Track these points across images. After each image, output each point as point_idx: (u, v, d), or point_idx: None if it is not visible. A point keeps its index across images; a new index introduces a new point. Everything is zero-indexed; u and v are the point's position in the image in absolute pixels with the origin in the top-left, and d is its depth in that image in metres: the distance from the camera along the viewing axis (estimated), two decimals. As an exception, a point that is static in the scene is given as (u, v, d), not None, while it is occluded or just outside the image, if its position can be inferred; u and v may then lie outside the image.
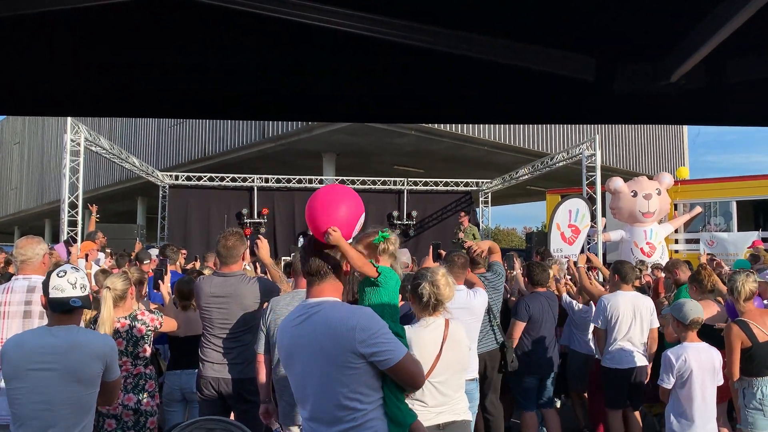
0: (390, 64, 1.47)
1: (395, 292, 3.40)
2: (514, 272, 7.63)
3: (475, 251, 5.61)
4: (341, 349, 2.38)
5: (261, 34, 1.44)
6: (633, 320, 5.83)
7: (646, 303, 5.97)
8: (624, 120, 2.29)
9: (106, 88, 1.47)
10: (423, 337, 3.53)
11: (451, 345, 3.56)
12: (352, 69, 1.52)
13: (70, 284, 3.23)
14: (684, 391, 4.42)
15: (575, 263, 7.55)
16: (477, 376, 4.95)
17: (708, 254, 11.87)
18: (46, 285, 3.27)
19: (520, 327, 5.91)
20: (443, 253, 5.50)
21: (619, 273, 6.04)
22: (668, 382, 4.46)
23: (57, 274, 3.26)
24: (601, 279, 8.45)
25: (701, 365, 4.41)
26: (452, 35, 1.36)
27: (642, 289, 8.16)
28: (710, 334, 4.94)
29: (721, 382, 4.54)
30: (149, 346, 4.73)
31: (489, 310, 5.35)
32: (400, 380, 2.47)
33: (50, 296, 3.24)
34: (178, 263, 8.43)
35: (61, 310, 3.24)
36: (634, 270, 6.46)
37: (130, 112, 1.55)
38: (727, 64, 1.39)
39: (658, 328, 5.97)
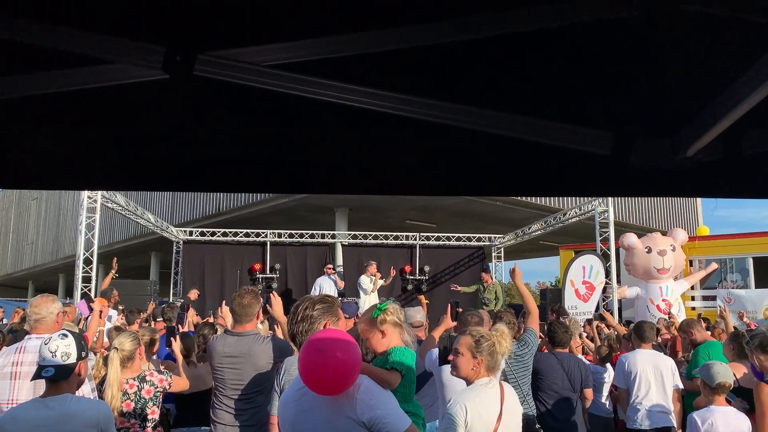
0: (404, 139, 1.50)
1: (411, 370, 3.35)
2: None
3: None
4: (344, 418, 2.35)
5: (275, 110, 1.47)
6: (654, 379, 5.74)
7: (666, 362, 5.89)
8: (640, 193, 2.28)
9: (127, 164, 1.50)
10: (483, 398, 3.26)
11: (508, 407, 3.30)
12: (363, 142, 1.55)
13: (50, 352, 3.18)
14: (711, 456, 4.28)
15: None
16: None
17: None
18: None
19: None
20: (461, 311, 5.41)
21: (638, 333, 6.00)
22: None
23: (44, 342, 3.24)
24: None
25: (729, 430, 4.28)
26: (466, 111, 1.38)
27: (660, 348, 8.01)
28: (743, 393, 4.82)
29: (749, 450, 4.39)
30: (158, 407, 4.66)
31: (518, 386, 5.05)
32: None
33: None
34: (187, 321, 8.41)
35: (35, 378, 3.22)
36: (653, 329, 6.38)
37: (147, 186, 1.58)
38: (744, 137, 1.40)
39: (682, 390, 5.85)
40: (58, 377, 3.18)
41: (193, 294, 14.50)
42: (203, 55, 1.34)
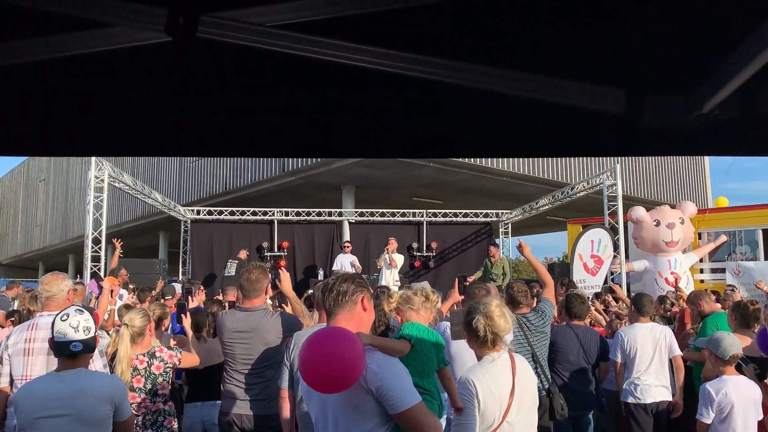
0: (412, 99, 1.47)
1: (425, 344, 3.42)
2: None
3: (519, 291, 5.25)
4: (355, 385, 2.37)
5: (280, 72, 1.45)
6: (654, 352, 5.72)
7: (665, 332, 5.88)
8: (655, 152, 2.25)
9: (131, 129, 1.49)
10: (493, 374, 3.26)
11: (521, 379, 3.30)
12: (375, 105, 1.53)
13: (72, 328, 3.23)
14: (724, 426, 4.28)
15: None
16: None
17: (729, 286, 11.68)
18: (51, 328, 3.30)
19: None
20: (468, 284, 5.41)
21: (637, 305, 5.97)
22: (707, 417, 4.33)
23: (60, 318, 3.28)
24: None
25: (742, 399, 4.29)
26: (476, 70, 1.35)
27: (669, 320, 8.01)
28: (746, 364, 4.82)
29: (761, 416, 4.40)
30: (168, 382, 4.71)
31: (533, 356, 4.98)
32: (410, 430, 2.40)
33: (54, 340, 3.27)
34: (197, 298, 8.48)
35: (62, 354, 3.26)
36: (653, 303, 6.34)
37: (157, 152, 1.57)
38: (761, 93, 1.37)
39: (687, 362, 5.83)
40: (85, 351, 3.27)
41: (243, 253, 14.91)
42: (206, 16, 1.32)
